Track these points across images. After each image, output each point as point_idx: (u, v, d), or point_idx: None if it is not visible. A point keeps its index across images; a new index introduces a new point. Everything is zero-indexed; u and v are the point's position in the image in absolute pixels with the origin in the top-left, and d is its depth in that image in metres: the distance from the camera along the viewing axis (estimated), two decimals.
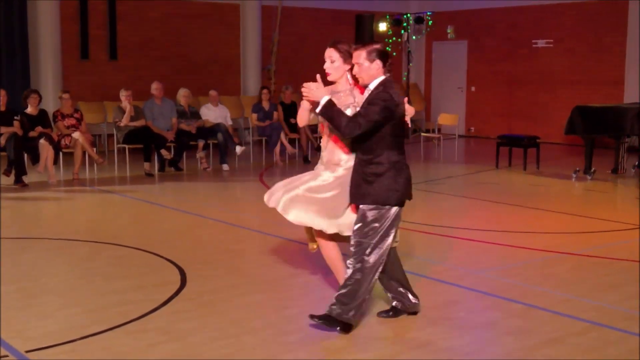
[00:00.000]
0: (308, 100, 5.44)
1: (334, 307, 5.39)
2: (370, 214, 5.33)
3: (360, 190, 5.36)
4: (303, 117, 5.69)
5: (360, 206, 5.38)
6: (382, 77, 5.38)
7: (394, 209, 5.37)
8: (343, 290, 5.39)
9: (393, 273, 5.74)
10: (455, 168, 14.80)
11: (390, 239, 5.40)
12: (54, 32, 16.03)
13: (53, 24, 16.01)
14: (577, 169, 13.22)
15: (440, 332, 5.54)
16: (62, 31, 16.23)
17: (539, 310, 5.99)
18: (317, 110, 5.32)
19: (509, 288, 6.64)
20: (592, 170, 13.01)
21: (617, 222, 9.50)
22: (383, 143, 5.31)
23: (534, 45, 19.34)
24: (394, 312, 5.80)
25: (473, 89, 20.89)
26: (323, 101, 5.27)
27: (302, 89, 5.36)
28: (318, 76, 5.44)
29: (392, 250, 5.60)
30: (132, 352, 5.05)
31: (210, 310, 5.96)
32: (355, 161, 5.47)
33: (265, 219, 9.77)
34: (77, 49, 16.76)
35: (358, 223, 5.37)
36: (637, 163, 13.88)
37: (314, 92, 5.32)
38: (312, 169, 5.78)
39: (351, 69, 5.51)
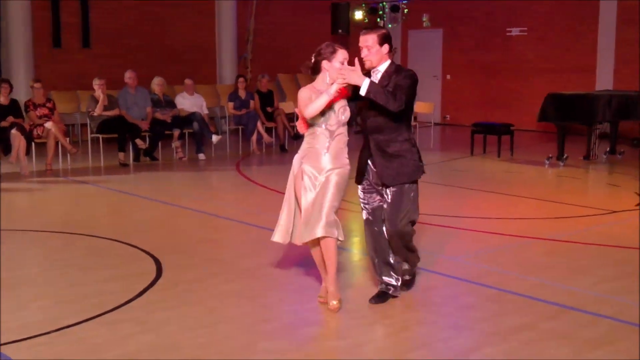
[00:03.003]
0: (341, 88, 5.40)
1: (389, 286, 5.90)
2: (408, 190, 5.64)
3: (391, 171, 5.60)
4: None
5: (395, 187, 5.61)
6: (389, 61, 5.61)
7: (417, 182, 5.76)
8: (407, 268, 6.00)
9: (385, 256, 5.88)
10: (430, 155, 14.84)
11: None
12: (25, 19, 15.82)
13: (24, 11, 15.79)
14: (550, 155, 13.33)
15: (416, 317, 5.58)
16: (33, 19, 16.04)
17: (513, 295, 6.05)
18: (363, 92, 5.31)
19: (483, 274, 6.70)
20: (564, 156, 13.12)
21: (589, 207, 9.60)
22: (406, 120, 5.63)
23: (508, 34, 19.43)
24: (383, 297, 5.89)
25: (448, 77, 20.97)
26: (366, 83, 5.28)
27: (338, 75, 5.30)
28: (357, 60, 5.40)
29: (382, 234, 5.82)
30: (108, 343, 5.05)
31: (187, 300, 5.97)
32: (371, 144, 5.65)
33: (242, 209, 9.78)
34: (49, 37, 16.62)
35: (393, 198, 5.63)
36: (608, 149, 14.02)
37: (353, 75, 5.29)
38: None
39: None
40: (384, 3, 20.21)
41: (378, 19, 20.28)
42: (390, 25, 20.62)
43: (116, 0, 17.46)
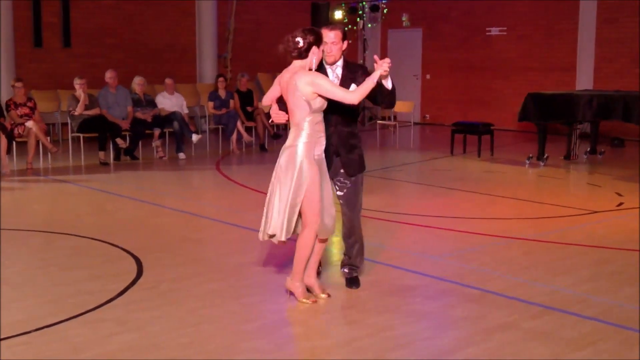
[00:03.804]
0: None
1: (353, 269, 6.26)
2: (361, 180, 6.09)
3: (353, 162, 5.97)
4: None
5: (355, 176, 6.02)
6: (342, 57, 5.89)
7: None
8: (354, 254, 6.23)
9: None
10: (410, 155, 14.89)
11: None
12: (6, 19, 15.71)
13: (6, 11, 15.68)
14: (531, 155, 13.39)
15: (397, 317, 5.59)
16: (14, 18, 15.94)
17: (494, 295, 6.07)
18: (389, 85, 5.67)
19: (464, 273, 6.72)
20: (545, 156, 13.19)
21: (570, 207, 9.65)
22: (357, 115, 5.99)
23: (487, 33, 19.51)
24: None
25: (428, 76, 21.02)
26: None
27: (385, 65, 5.39)
28: (376, 56, 5.59)
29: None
30: (88, 343, 5.03)
31: (168, 300, 5.95)
32: (335, 136, 5.86)
33: (223, 208, 9.76)
34: (30, 37, 16.53)
35: (352, 188, 6.01)
36: (589, 149, 14.10)
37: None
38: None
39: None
40: (364, 3, 20.22)
41: (358, 19, 20.29)
42: (370, 25, 20.66)
43: (97, 0, 17.38)
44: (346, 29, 19.59)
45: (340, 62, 5.85)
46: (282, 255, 7.01)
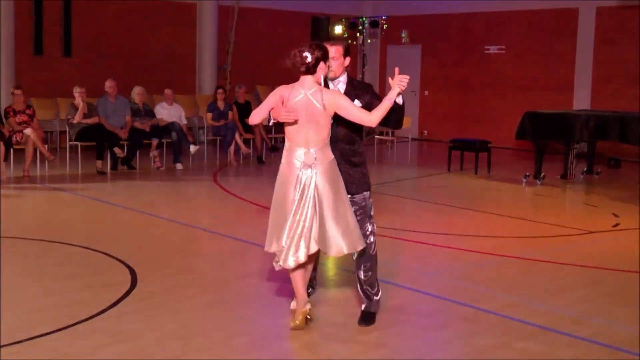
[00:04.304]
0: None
1: (367, 302, 5.80)
2: (369, 199, 5.76)
3: (355, 180, 5.67)
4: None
5: (359, 195, 5.68)
6: (346, 73, 5.72)
7: None
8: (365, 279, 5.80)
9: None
10: (407, 171, 14.90)
11: None
12: (7, 27, 15.74)
13: (7, 19, 15.71)
14: (527, 173, 13.40)
15: (390, 334, 5.58)
16: (16, 26, 15.96)
17: (488, 314, 6.06)
18: (400, 100, 5.51)
19: (459, 291, 6.70)
20: (541, 175, 13.19)
21: (566, 227, 9.64)
22: (361, 131, 5.75)
23: (486, 51, 19.55)
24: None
25: (426, 92, 21.04)
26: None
27: (403, 81, 5.40)
28: (397, 69, 5.49)
29: None
30: (80, 354, 5.01)
31: (160, 311, 5.93)
32: (337, 153, 5.53)
33: (218, 219, 9.75)
34: (31, 45, 16.53)
35: (359, 209, 5.67)
36: (585, 169, 14.11)
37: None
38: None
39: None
40: (364, 18, 20.27)
41: (357, 34, 20.32)
42: (369, 40, 20.69)
43: (98, 9, 17.39)
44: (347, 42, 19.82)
45: (342, 78, 5.68)
46: (273, 269, 6.99)
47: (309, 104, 5.27)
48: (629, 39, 16.85)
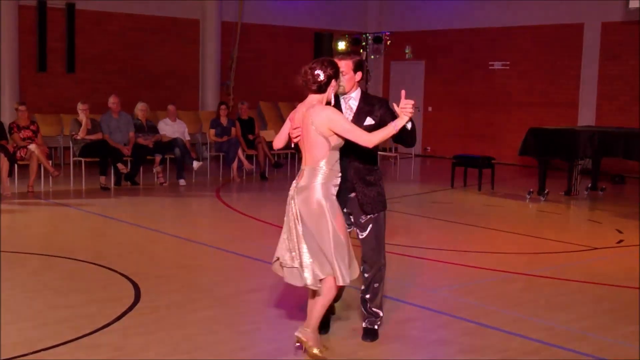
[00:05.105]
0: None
1: (371, 319, 5.74)
2: (382, 219, 5.69)
3: (370, 199, 5.58)
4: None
5: (373, 215, 5.62)
6: (359, 88, 5.58)
7: None
8: (369, 297, 5.72)
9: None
10: (411, 187, 14.90)
11: None
12: (11, 43, 15.86)
13: (11, 35, 15.83)
14: (531, 190, 13.38)
15: (394, 350, 5.57)
16: (19, 43, 16.06)
17: (491, 330, 6.05)
18: (409, 125, 5.35)
19: (462, 307, 6.69)
20: (545, 191, 13.18)
21: (569, 243, 9.63)
22: (376, 151, 5.64)
23: (490, 67, 19.57)
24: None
25: (430, 109, 21.05)
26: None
27: (409, 107, 5.20)
28: (404, 92, 5.31)
29: None
30: None
31: (164, 326, 5.93)
32: (351, 171, 5.46)
33: (221, 235, 9.75)
34: (34, 61, 16.59)
35: (373, 229, 5.64)
36: (589, 186, 14.09)
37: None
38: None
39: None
40: (367, 34, 20.33)
41: (361, 50, 20.36)
42: (372, 57, 20.74)
43: (101, 26, 17.47)
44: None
45: (353, 94, 5.51)
46: (276, 284, 6.99)
47: (305, 121, 5.11)
48: (634, 56, 16.84)
